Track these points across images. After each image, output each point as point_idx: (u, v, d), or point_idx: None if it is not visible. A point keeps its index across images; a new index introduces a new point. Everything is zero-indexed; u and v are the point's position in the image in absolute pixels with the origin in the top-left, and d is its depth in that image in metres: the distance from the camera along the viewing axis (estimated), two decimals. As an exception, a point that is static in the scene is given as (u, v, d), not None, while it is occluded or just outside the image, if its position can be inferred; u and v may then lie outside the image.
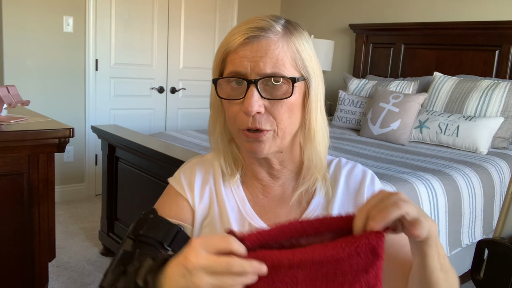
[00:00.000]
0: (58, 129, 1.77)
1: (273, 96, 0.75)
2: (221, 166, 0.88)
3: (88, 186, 3.80)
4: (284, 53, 0.75)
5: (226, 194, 0.87)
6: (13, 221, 1.74)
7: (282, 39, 0.76)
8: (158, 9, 3.90)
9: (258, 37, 0.75)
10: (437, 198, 2.06)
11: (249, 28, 0.75)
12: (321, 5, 4.30)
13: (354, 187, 0.87)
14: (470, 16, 3.27)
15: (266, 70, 0.73)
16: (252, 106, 0.73)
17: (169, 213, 0.86)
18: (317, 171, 0.85)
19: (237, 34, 0.76)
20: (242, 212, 0.86)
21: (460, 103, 2.91)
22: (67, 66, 3.53)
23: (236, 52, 0.75)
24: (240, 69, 0.74)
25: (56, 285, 2.38)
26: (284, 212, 0.86)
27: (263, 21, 0.77)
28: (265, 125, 0.76)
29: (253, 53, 0.74)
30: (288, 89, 0.75)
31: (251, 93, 0.74)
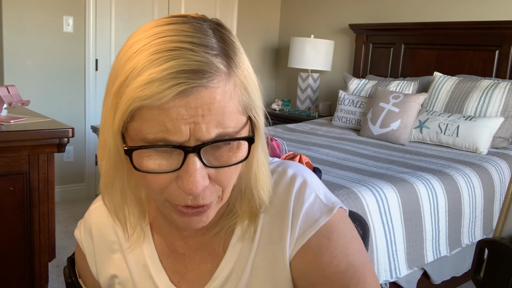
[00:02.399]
0: (58, 129, 1.77)
1: (219, 161, 0.53)
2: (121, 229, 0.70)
3: (88, 186, 3.80)
4: (231, 101, 0.51)
5: (137, 258, 0.70)
6: (13, 221, 1.74)
7: (227, 81, 0.51)
8: (158, 9, 3.90)
9: (197, 88, 0.49)
10: (437, 198, 2.06)
11: (180, 72, 0.48)
12: (321, 5, 4.30)
13: (278, 204, 0.64)
14: (470, 16, 3.27)
15: (210, 135, 0.50)
16: (197, 185, 0.51)
17: (89, 286, 0.78)
18: (240, 212, 0.64)
19: (159, 82, 0.48)
20: (154, 279, 0.69)
21: (460, 103, 2.91)
22: (67, 66, 3.53)
23: (162, 109, 0.49)
24: (175, 138, 0.50)
25: (56, 285, 2.38)
26: (207, 267, 0.67)
27: (195, 55, 0.49)
28: (210, 197, 0.55)
29: (191, 111, 0.49)
30: (239, 147, 0.54)
31: (193, 167, 0.51)
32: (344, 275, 0.59)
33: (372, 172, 2.10)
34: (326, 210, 0.63)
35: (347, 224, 0.64)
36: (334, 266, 0.60)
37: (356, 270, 0.60)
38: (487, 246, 0.36)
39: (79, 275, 0.80)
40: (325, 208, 0.63)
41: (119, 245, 0.72)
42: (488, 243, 0.36)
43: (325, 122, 3.57)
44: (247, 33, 4.50)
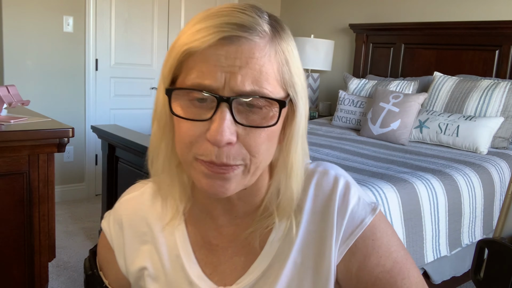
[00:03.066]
0: (58, 129, 1.77)
1: (250, 122, 0.54)
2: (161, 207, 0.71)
3: (88, 186, 3.80)
4: (270, 64, 0.54)
5: (169, 249, 0.70)
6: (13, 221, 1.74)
7: (269, 44, 0.55)
8: (158, 9, 3.90)
9: (239, 38, 0.52)
10: (437, 198, 2.06)
11: (227, 23, 0.52)
12: (321, 5, 4.30)
13: (321, 204, 0.65)
14: (470, 16, 3.27)
15: (244, 87, 0.52)
16: (223, 134, 0.52)
17: (113, 278, 0.78)
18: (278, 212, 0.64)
19: (205, 30, 0.53)
20: (188, 272, 0.69)
21: (460, 103, 2.91)
22: (67, 66, 3.53)
23: (204, 55, 0.53)
24: (209, 83, 0.53)
25: (56, 285, 2.38)
26: (241, 260, 0.68)
27: (246, 15, 0.54)
28: (235, 159, 0.55)
29: (229, 60, 0.52)
30: (271, 113, 0.55)
31: (222, 116, 0.52)
32: (391, 273, 0.62)
33: (372, 172, 2.10)
34: (370, 209, 0.65)
35: (386, 222, 0.67)
36: (381, 266, 0.62)
37: (400, 266, 0.63)
38: (487, 246, 0.36)
39: (101, 267, 0.78)
40: (369, 208, 0.65)
41: (150, 236, 0.72)
42: (488, 243, 0.36)
43: (325, 122, 3.57)
44: (247, 33, 4.49)
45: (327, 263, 0.64)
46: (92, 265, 0.79)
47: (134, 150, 2.32)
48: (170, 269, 0.70)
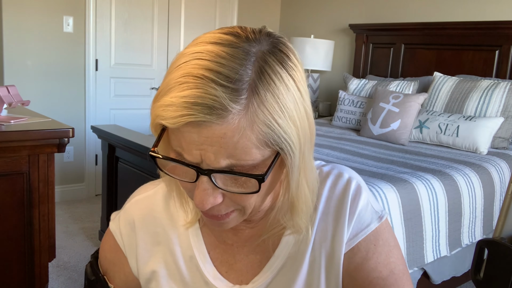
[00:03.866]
0: (58, 129, 1.77)
1: (233, 189, 0.54)
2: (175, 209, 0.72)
3: (88, 186, 3.80)
4: (246, 137, 0.50)
5: (182, 249, 0.71)
6: (13, 221, 1.74)
7: (244, 120, 0.50)
8: (158, 9, 3.90)
9: (206, 122, 0.50)
10: (437, 198, 2.06)
11: (192, 103, 0.49)
12: (321, 5, 4.30)
13: (335, 204, 0.67)
14: (470, 16, 3.27)
15: (219, 164, 0.51)
16: (205, 203, 0.54)
17: (119, 281, 0.76)
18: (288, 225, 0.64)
19: (175, 108, 0.50)
20: (203, 272, 0.69)
21: (460, 103, 2.91)
22: (67, 66, 3.53)
23: (179, 130, 0.52)
24: (189, 158, 0.53)
25: (56, 285, 2.38)
26: (256, 258, 0.69)
27: (215, 91, 0.49)
28: (226, 209, 0.57)
29: (201, 139, 0.51)
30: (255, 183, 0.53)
31: (202, 187, 0.53)
32: (385, 282, 0.64)
33: (372, 172, 2.10)
34: (377, 216, 0.67)
35: (391, 233, 0.68)
36: (378, 272, 0.64)
37: (396, 278, 0.65)
38: (487, 246, 0.36)
39: (105, 272, 0.77)
40: (376, 215, 0.67)
41: (164, 237, 0.72)
42: (488, 243, 0.36)
43: (325, 122, 3.57)
44: (247, 33, 4.49)
45: (337, 261, 0.66)
46: (95, 269, 0.77)
47: (134, 150, 2.32)
48: (185, 270, 0.70)
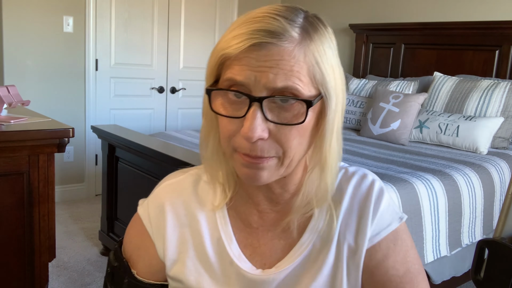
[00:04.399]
0: (58, 129, 1.77)
1: (281, 120, 0.60)
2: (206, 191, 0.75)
3: (88, 186, 3.80)
4: (299, 65, 0.59)
5: (210, 231, 0.74)
6: (13, 221, 1.74)
7: (298, 48, 0.59)
8: (158, 9, 3.90)
9: (267, 44, 0.58)
10: (437, 198, 2.06)
11: (256, 30, 0.58)
12: (321, 5, 4.30)
13: (358, 204, 0.72)
14: (470, 16, 3.27)
15: (276, 84, 0.58)
16: (254, 131, 0.58)
17: (142, 266, 0.78)
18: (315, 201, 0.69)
19: (239, 36, 0.59)
20: (228, 253, 0.72)
21: (460, 103, 2.91)
22: (67, 66, 3.53)
23: (237, 58, 0.59)
24: (240, 79, 0.58)
25: (56, 285, 2.38)
26: (281, 244, 0.72)
27: (275, 21, 0.59)
28: (268, 152, 0.61)
29: (260, 62, 0.58)
30: (301, 111, 0.60)
31: (253, 115, 0.58)
32: (402, 279, 0.68)
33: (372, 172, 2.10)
34: (397, 217, 0.71)
35: (408, 234, 0.73)
36: (395, 270, 0.68)
37: (412, 276, 0.69)
38: (487, 246, 0.37)
39: (128, 258, 0.79)
40: (396, 216, 0.72)
41: (192, 220, 0.75)
42: (489, 243, 0.36)
43: (325, 122, 3.57)
44: (247, 33, 4.49)
45: (359, 256, 0.69)
46: (118, 255, 0.79)
47: (134, 150, 2.32)
48: (211, 251, 0.73)
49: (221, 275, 0.72)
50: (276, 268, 0.71)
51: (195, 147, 2.54)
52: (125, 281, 0.77)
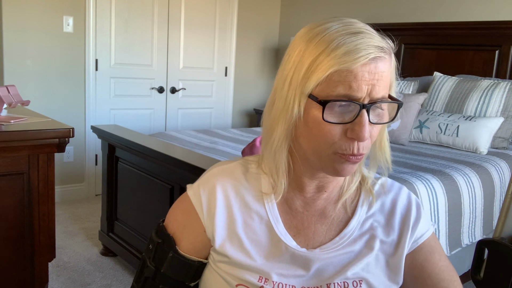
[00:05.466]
0: (58, 129, 1.77)
1: (379, 121, 0.73)
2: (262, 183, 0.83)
3: (88, 186, 3.80)
4: (390, 74, 0.72)
5: (257, 212, 0.81)
6: (13, 221, 1.74)
7: (390, 59, 0.72)
8: (158, 9, 3.90)
9: (378, 58, 0.69)
10: (437, 198, 2.06)
11: (370, 46, 0.68)
12: (321, 5, 4.30)
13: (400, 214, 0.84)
14: (470, 16, 3.27)
15: (378, 95, 0.69)
16: (366, 133, 0.69)
17: (186, 243, 0.82)
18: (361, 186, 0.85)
19: (355, 51, 0.67)
20: (275, 232, 0.80)
21: (460, 103, 2.91)
22: (67, 66, 3.53)
23: (353, 72, 0.67)
24: (358, 94, 0.68)
25: (56, 285, 2.38)
26: (323, 229, 0.82)
27: (376, 37, 0.70)
28: (366, 148, 0.73)
29: (371, 75, 0.68)
30: (389, 112, 0.74)
31: (364, 119, 0.69)
32: (449, 268, 0.81)
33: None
34: (431, 224, 0.87)
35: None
36: (443, 261, 0.81)
37: (453, 268, 0.82)
38: (487, 246, 0.37)
39: (172, 234, 0.84)
40: (430, 223, 0.87)
41: (242, 200, 0.82)
42: (488, 243, 0.36)
43: (325, 122, 3.57)
44: (247, 33, 4.49)
45: (400, 255, 0.81)
46: (163, 232, 0.84)
47: (134, 150, 2.32)
48: (259, 229, 0.80)
49: (269, 251, 0.79)
50: (320, 249, 0.80)
51: (195, 147, 2.54)
52: (170, 255, 0.82)
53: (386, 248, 0.81)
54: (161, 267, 0.82)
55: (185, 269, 0.83)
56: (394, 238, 0.82)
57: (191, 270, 0.83)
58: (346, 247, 0.80)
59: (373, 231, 0.82)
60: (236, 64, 4.48)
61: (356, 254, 0.80)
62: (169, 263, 0.82)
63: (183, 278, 0.83)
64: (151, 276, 0.83)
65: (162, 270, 0.82)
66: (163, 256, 0.82)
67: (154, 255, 0.83)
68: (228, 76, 4.46)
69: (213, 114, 4.45)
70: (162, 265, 0.82)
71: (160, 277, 0.83)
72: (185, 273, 0.83)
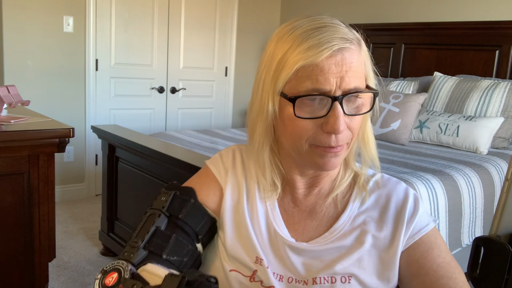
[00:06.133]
0: (58, 129, 1.77)
1: (355, 112, 0.72)
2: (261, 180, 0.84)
3: (88, 186, 3.80)
4: (360, 65, 0.72)
5: (259, 195, 0.84)
6: (13, 221, 1.74)
7: (358, 50, 0.72)
8: (158, 9, 3.90)
9: (343, 49, 0.69)
10: (437, 198, 2.06)
11: (333, 38, 0.68)
12: (321, 5, 4.30)
13: (395, 208, 0.82)
14: (470, 16, 3.27)
15: (350, 86, 0.69)
16: (341, 125, 0.69)
17: (206, 199, 0.83)
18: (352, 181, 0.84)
19: (318, 45, 0.68)
20: (269, 217, 0.82)
21: (460, 103, 2.91)
22: (67, 66, 3.53)
23: (318, 66, 0.68)
24: (327, 87, 0.68)
25: (56, 285, 2.38)
26: (313, 224, 0.82)
27: (341, 30, 0.71)
28: (344, 140, 0.73)
29: (337, 67, 0.68)
30: (366, 101, 0.73)
31: (337, 112, 0.69)
32: (450, 265, 0.77)
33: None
34: (432, 219, 0.82)
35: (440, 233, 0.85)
36: (442, 258, 0.78)
37: (455, 264, 0.78)
38: (482, 243, 0.37)
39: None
40: (431, 218, 0.83)
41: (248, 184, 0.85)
42: (484, 241, 0.37)
43: (325, 122, 3.57)
44: (247, 33, 4.50)
45: (394, 251, 0.79)
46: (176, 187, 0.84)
47: (134, 150, 2.32)
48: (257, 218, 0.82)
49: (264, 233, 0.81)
50: (309, 243, 0.80)
51: (195, 147, 2.54)
52: (191, 202, 0.81)
53: (379, 243, 0.79)
54: (179, 213, 0.79)
55: (203, 220, 0.81)
56: (387, 233, 0.80)
57: (206, 225, 0.81)
58: (336, 241, 0.79)
59: (365, 226, 0.80)
60: (236, 64, 4.48)
61: (347, 249, 0.79)
62: (189, 210, 0.80)
63: (199, 229, 0.80)
64: (162, 226, 0.77)
65: (180, 215, 0.78)
66: (182, 204, 0.80)
67: (169, 205, 0.79)
68: (228, 76, 4.46)
69: (213, 114, 4.45)
70: (180, 212, 0.79)
71: (174, 225, 0.78)
72: (202, 224, 0.81)
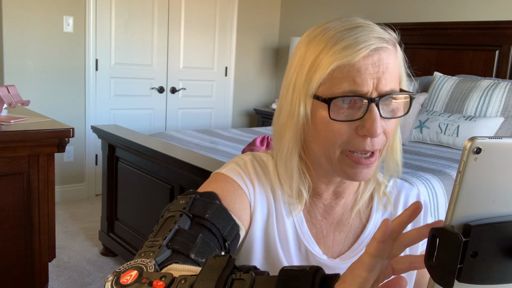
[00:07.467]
0: (58, 129, 1.77)
1: (391, 114, 0.69)
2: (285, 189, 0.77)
3: (88, 186, 3.80)
4: (396, 66, 0.69)
5: (285, 210, 0.78)
6: (13, 221, 1.74)
7: (395, 51, 0.70)
8: (158, 9, 3.90)
9: (380, 49, 0.66)
10: (437, 198, 2.06)
11: (369, 38, 0.66)
12: (321, 5, 4.30)
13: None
14: (470, 16, 3.27)
15: (386, 88, 0.66)
16: (378, 128, 0.66)
17: (232, 205, 0.73)
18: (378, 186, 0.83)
19: (354, 45, 0.65)
20: (299, 234, 0.77)
21: (460, 103, 2.91)
22: (67, 66, 3.53)
23: (355, 66, 0.65)
24: (363, 88, 0.65)
25: (56, 285, 2.38)
26: (341, 237, 0.80)
27: (377, 29, 0.68)
28: (379, 144, 0.69)
29: (375, 68, 0.65)
30: (403, 105, 0.70)
31: (374, 113, 0.65)
32: None
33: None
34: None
35: None
36: None
37: None
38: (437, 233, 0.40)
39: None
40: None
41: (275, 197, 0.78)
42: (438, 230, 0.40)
43: (325, 122, 3.57)
44: (247, 33, 4.49)
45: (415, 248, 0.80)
46: (195, 192, 0.74)
47: (134, 150, 2.32)
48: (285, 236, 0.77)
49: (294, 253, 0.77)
50: (340, 259, 0.78)
51: (195, 147, 2.54)
52: (216, 203, 0.70)
53: None
54: (204, 214, 0.68)
55: (230, 225, 0.70)
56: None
57: (233, 230, 0.71)
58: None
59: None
60: (236, 64, 4.48)
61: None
62: (215, 211, 0.69)
63: (227, 233, 0.69)
64: (186, 226, 0.67)
65: (206, 216, 0.68)
66: (206, 205, 0.70)
67: (191, 207, 0.69)
68: (228, 76, 4.46)
69: (213, 114, 4.45)
70: (205, 212, 0.69)
71: (199, 226, 0.67)
72: (229, 229, 0.70)
